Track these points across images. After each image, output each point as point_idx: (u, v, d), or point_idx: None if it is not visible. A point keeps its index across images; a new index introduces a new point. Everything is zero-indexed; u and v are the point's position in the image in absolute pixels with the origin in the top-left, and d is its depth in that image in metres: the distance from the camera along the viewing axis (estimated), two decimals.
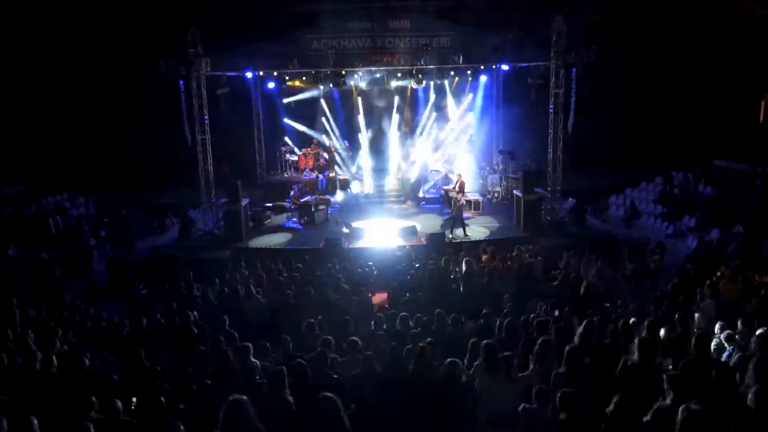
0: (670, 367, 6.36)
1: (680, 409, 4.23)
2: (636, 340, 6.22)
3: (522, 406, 5.66)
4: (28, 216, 18.98)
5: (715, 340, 7.46)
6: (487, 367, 5.99)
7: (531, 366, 6.39)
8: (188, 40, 17.30)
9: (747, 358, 6.14)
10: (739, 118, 24.61)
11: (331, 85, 20.91)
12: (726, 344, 7.27)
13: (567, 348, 6.16)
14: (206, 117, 18.18)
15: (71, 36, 21.84)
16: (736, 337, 7.46)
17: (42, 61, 22.40)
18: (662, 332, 8.04)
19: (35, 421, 4.81)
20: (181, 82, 17.70)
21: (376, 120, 23.36)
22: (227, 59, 19.02)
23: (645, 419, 4.54)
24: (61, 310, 11.33)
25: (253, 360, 6.71)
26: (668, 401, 4.87)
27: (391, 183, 22.69)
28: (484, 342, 6.26)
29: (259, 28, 21.09)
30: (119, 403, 5.67)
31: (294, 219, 19.64)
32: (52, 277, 14.86)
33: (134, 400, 6.28)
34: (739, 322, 8.20)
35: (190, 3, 20.36)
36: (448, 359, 6.02)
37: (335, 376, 6.30)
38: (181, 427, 4.87)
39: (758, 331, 6.75)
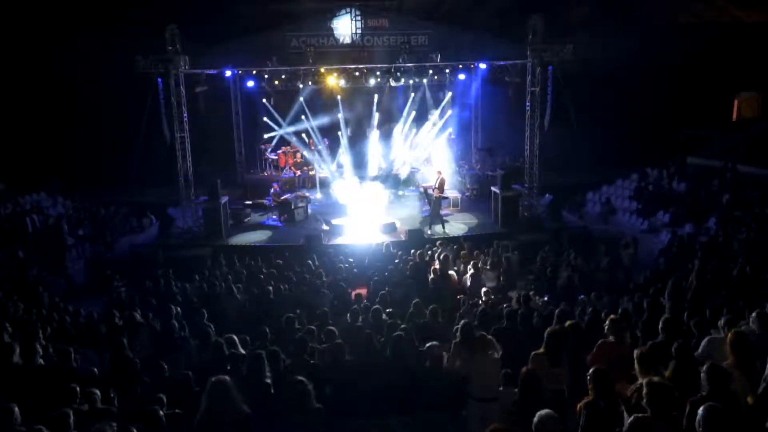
0: None
1: (644, 382, 4.47)
2: (607, 321, 6.44)
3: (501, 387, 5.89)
4: (5, 215, 18.77)
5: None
6: (463, 346, 6.19)
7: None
8: (167, 37, 17.27)
9: (718, 339, 6.44)
10: (712, 116, 25.14)
11: (310, 83, 21.01)
12: (695, 330, 7.51)
13: (547, 331, 6.37)
14: (185, 115, 18.16)
15: (48, 33, 21.66)
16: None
17: (19, 59, 22.17)
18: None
19: (16, 409, 4.87)
20: (160, 79, 17.69)
21: (355, 118, 23.46)
22: (206, 57, 19.03)
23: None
24: (40, 308, 11.29)
25: (241, 350, 6.82)
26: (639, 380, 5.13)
27: (370, 180, 22.77)
28: (462, 321, 6.44)
29: (238, 25, 21.10)
30: (98, 392, 5.75)
31: (274, 216, 19.69)
32: (29, 275, 14.76)
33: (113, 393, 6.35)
34: (707, 311, 8.53)
35: (169, 0, 20.30)
36: (429, 343, 6.17)
37: (312, 362, 6.42)
38: (161, 412, 4.95)
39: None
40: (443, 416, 6.39)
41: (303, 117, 22.94)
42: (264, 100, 23.25)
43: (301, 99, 22.58)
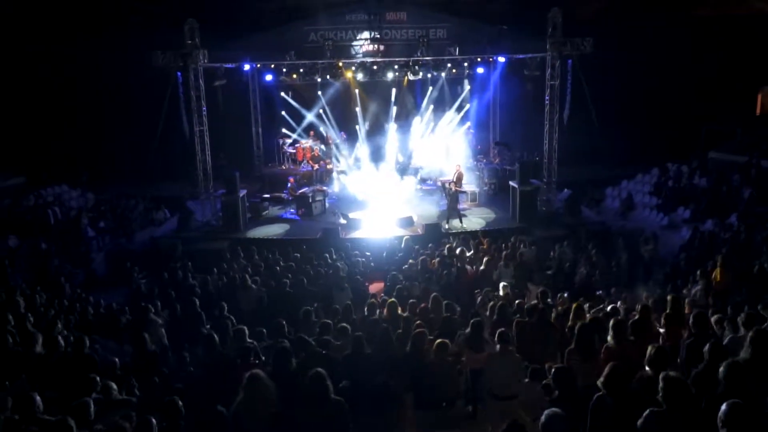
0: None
1: (660, 376, 4.44)
2: (610, 323, 6.36)
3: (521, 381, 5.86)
4: (28, 207, 19.06)
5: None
6: (470, 343, 6.16)
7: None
8: (186, 31, 17.38)
9: (738, 339, 6.33)
10: (735, 111, 24.75)
11: (328, 77, 21.01)
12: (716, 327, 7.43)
13: (578, 325, 6.32)
14: (204, 108, 18.27)
15: (69, 28, 21.86)
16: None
17: (40, 53, 22.43)
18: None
19: (38, 398, 4.95)
20: (179, 73, 17.81)
21: (373, 111, 23.41)
22: (225, 51, 19.09)
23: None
24: (61, 298, 11.45)
25: (250, 341, 6.85)
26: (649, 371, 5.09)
27: (387, 174, 22.73)
28: (473, 320, 6.42)
29: (256, 20, 21.13)
30: (114, 385, 5.83)
31: (291, 210, 19.75)
32: (51, 266, 14.98)
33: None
34: (729, 308, 8.42)
35: None
36: (438, 340, 6.16)
37: (323, 352, 6.43)
38: (180, 402, 5.00)
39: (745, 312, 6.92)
40: (458, 412, 6.38)
41: (321, 110, 22.96)
42: (282, 93, 23.32)
43: (319, 93, 22.59)
